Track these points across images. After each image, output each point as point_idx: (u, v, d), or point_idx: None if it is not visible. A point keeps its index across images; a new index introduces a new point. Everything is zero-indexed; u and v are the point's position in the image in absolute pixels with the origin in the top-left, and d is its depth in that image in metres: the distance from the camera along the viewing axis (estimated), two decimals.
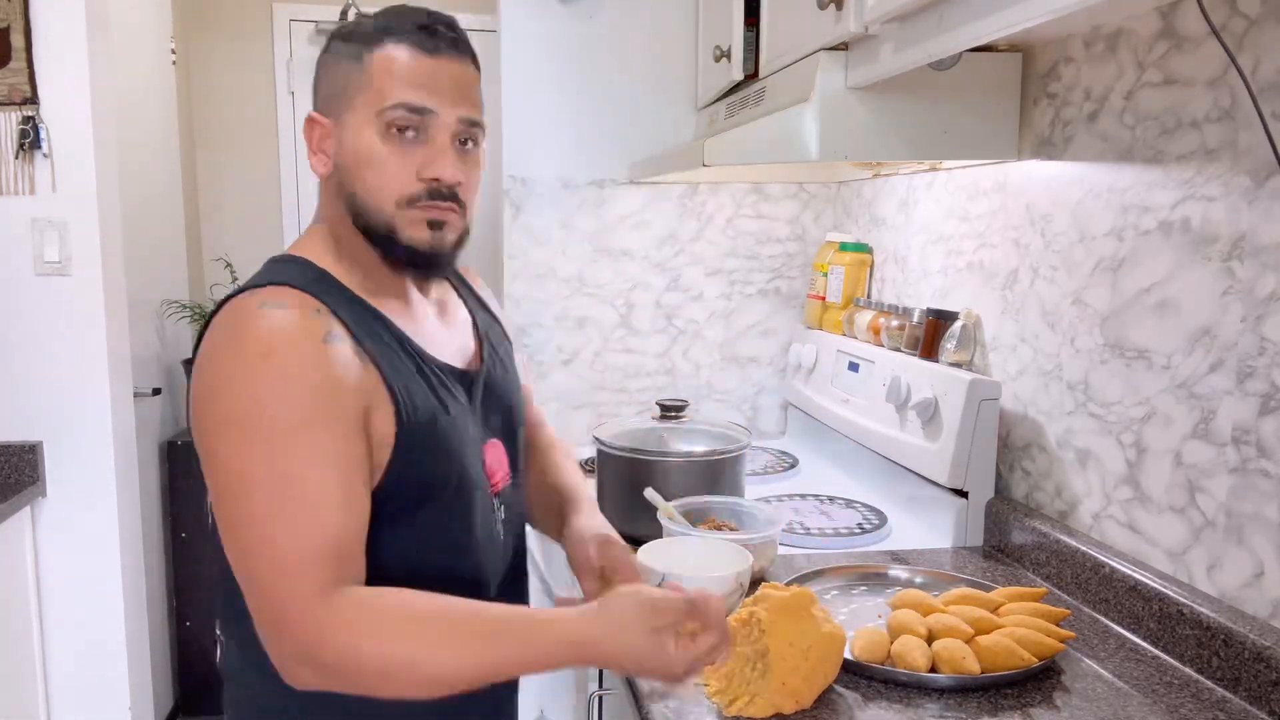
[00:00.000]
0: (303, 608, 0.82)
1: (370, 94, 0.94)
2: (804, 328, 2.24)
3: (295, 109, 3.35)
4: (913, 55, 1.25)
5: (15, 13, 1.97)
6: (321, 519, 0.85)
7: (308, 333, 0.88)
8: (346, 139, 0.95)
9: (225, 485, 0.86)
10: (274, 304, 0.89)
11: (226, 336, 0.89)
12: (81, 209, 2.05)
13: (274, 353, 0.86)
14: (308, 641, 0.83)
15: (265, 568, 0.84)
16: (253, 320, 0.88)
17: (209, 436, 0.87)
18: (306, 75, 3.31)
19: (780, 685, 1.00)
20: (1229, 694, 1.06)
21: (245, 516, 0.85)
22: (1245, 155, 1.09)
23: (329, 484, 0.86)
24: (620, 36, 2.20)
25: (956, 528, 1.55)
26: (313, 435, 0.85)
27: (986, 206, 1.64)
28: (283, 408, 0.85)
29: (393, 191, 0.94)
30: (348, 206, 0.97)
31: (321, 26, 3.31)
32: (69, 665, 2.17)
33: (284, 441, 0.84)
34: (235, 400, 0.85)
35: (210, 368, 0.88)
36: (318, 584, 0.83)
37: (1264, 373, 1.07)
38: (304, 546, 0.84)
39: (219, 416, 0.86)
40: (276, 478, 0.84)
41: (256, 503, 0.84)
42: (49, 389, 2.08)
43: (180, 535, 2.78)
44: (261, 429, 0.84)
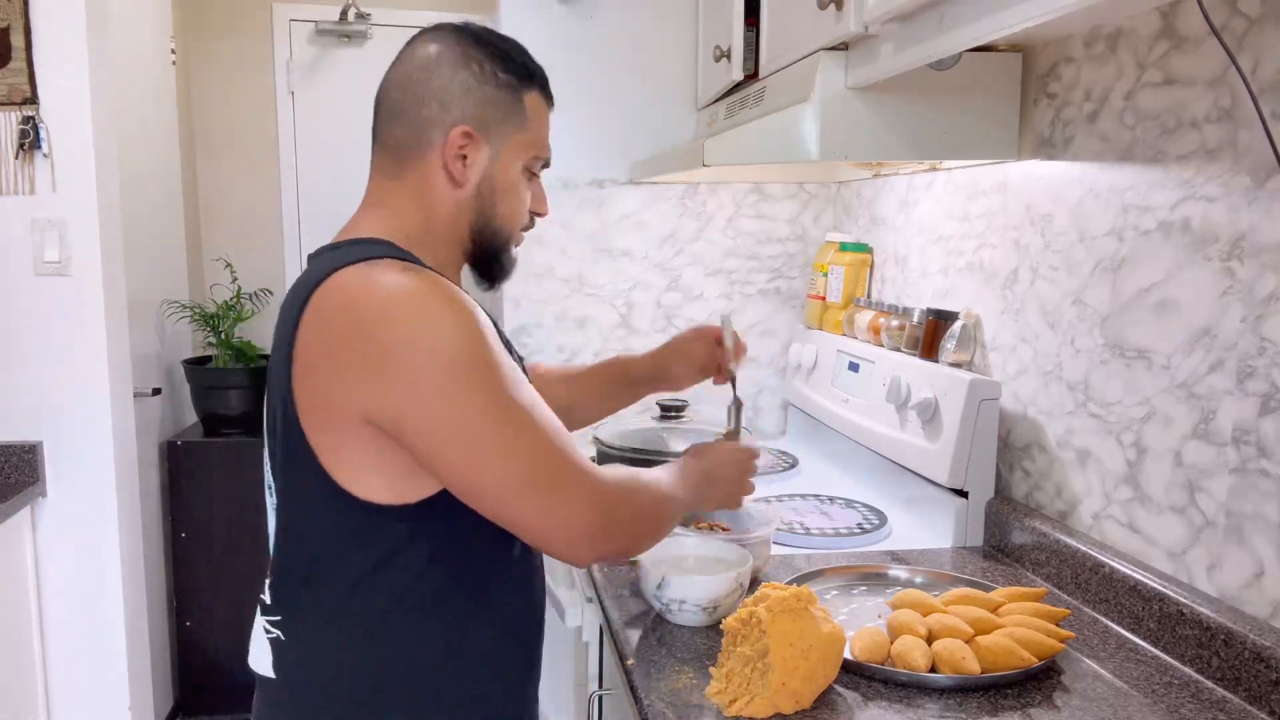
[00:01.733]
0: (597, 489, 0.95)
1: (528, 138, 1.05)
2: (804, 328, 2.24)
3: (295, 109, 3.35)
4: (913, 55, 1.25)
5: (15, 13, 1.97)
6: (558, 423, 0.95)
7: (450, 287, 0.93)
8: (498, 168, 1.03)
9: (467, 423, 0.89)
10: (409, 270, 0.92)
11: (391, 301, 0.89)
12: (81, 209, 2.05)
13: (453, 299, 0.91)
14: (605, 494, 0.95)
15: (556, 471, 0.92)
16: (406, 280, 0.90)
17: (425, 390, 0.88)
18: (306, 75, 3.33)
19: (780, 685, 1.00)
20: (1229, 694, 1.06)
21: (505, 434, 0.90)
22: (1245, 155, 1.09)
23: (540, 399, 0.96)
24: (620, 36, 2.20)
25: (956, 528, 1.55)
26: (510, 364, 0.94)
27: (986, 206, 1.64)
28: (486, 346, 0.91)
29: (519, 221, 1.08)
30: (476, 222, 1.04)
31: (321, 26, 3.31)
32: (69, 665, 2.17)
33: (506, 373, 0.91)
34: (449, 349, 0.88)
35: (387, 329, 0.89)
36: (588, 462, 0.96)
37: (1264, 373, 1.07)
38: (568, 442, 0.94)
39: (442, 367, 0.88)
40: (513, 400, 0.91)
41: (518, 423, 0.91)
42: (49, 389, 2.08)
43: (180, 535, 2.78)
44: (481, 360, 0.89)
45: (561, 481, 0.92)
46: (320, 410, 0.93)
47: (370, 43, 3.34)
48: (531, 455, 0.91)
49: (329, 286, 0.92)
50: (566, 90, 2.19)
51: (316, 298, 0.92)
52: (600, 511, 0.94)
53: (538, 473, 0.91)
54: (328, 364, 0.91)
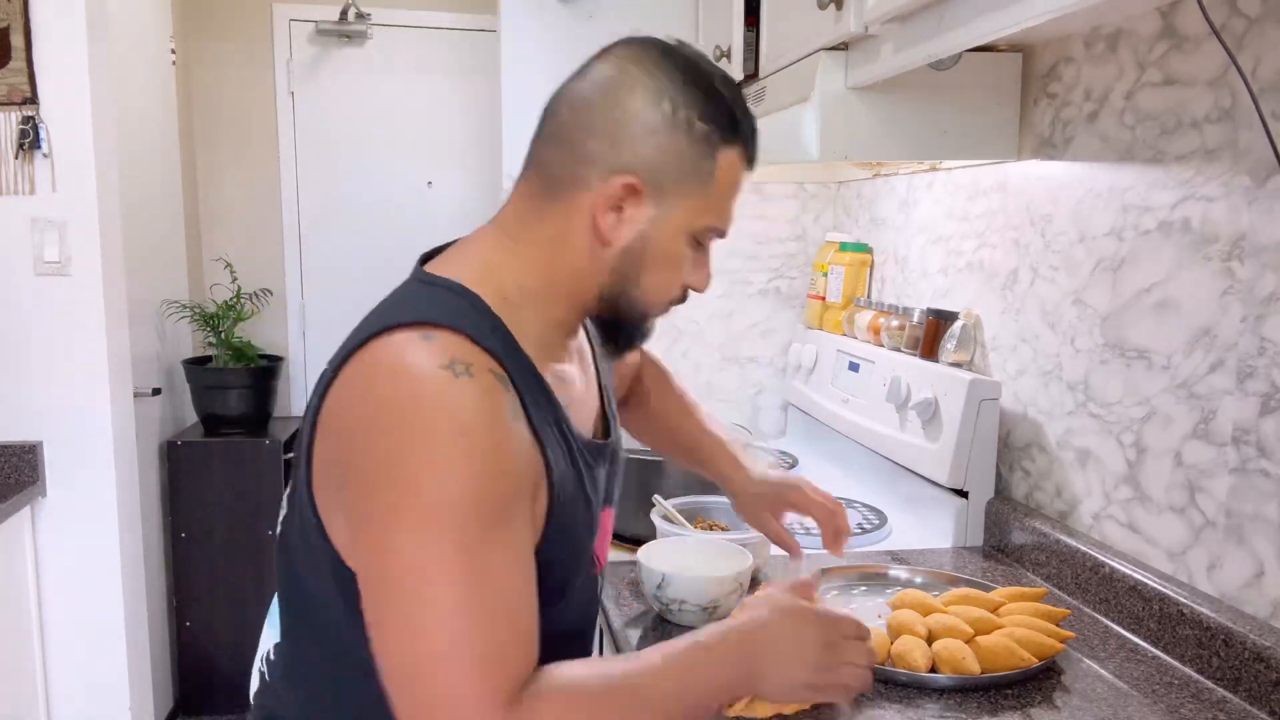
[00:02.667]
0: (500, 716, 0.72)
1: (707, 203, 0.86)
2: (804, 328, 2.24)
3: (295, 109, 3.35)
4: (913, 55, 1.25)
5: (15, 13, 1.97)
6: (513, 613, 0.75)
7: (498, 410, 0.77)
8: (661, 231, 0.85)
9: (399, 575, 0.74)
10: (458, 365, 0.76)
11: (399, 392, 0.75)
12: (81, 209, 2.05)
13: (467, 432, 0.74)
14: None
15: (454, 672, 0.72)
16: (434, 383, 0.75)
17: (381, 515, 0.75)
18: (307, 75, 3.32)
19: None
20: (1229, 694, 1.06)
21: (426, 614, 0.73)
22: (1245, 155, 1.09)
23: (517, 575, 0.77)
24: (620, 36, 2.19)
25: (956, 528, 1.55)
26: (504, 524, 0.76)
27: (986, 206, 1.64)
28: (477, 494, 0.74)
29: (668, 294, 0.90)
30: (610, 286, 0.87)
31: (321, 26, 3.31)
32: (69, 665, 2.17)
33: (479, 531, 0.74)
34: (422, 481, 0.73)
35: (384, 435, 0.75)
36: (515, 684, 0.74)
37: (1264, 373, 1.07)
38: (500, 645, 0.73)
39: (400, 496, 0.74)
40: (466, 570, 0.73)
41: (443, 598, 0.73)
42: (49, 389, 2.08)
43: (180, 535, 2.78)
44: (454, 517, 0.73)
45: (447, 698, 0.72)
46: (323, 489, 0.82)
47: (370, 43, 3.34)
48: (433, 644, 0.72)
49: (365, 356, 0.78)
50: None
51: (351, 365, 0.79)
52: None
53: (423, 676, 0.72)
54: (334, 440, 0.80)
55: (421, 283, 0.86)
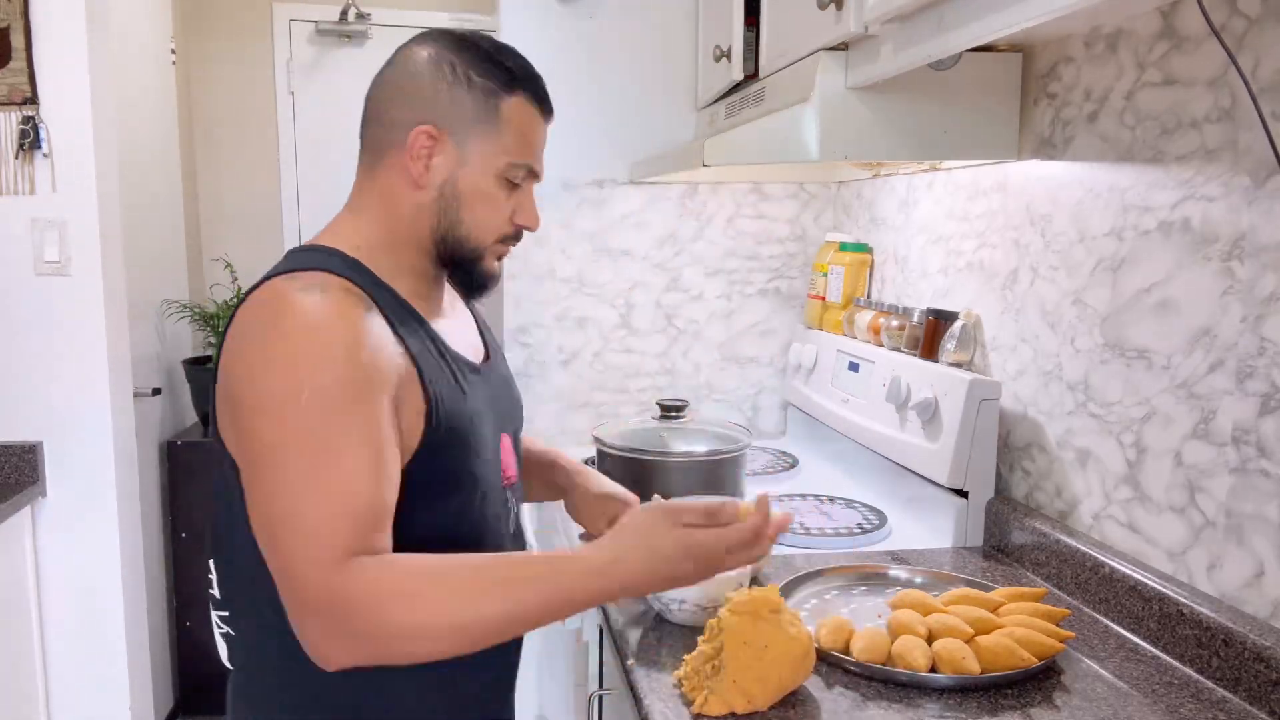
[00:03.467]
0: (329, 575, 0.82)
1: (502, 143, 1.00)
2: (804, 328, 2.24)
3: (295, 109, 3.35)
4: (913, 55, 1.25)
5: (15, 13, 1.97)
6: (352, 488, 0.85)
7: (347, 309, 0.90)
8: (466, 172, 0.99)
9: (258, 458, 0.87)
10: (312, 286, 0.90)
11: (263, 316, 0.90)
12: (81, 209, 2.05)
13: (316, 329, 0.87)
14: (335, 610, 0.82)
15: (292, 537, 0.84)
16: (291, 299, 0.89)
17: (247, 414, 0.87)
18: (307, 75, 3.33)
19: (732, 683, 1.00)
20: (1229, 694, 1.06)
21: (276, 487, 0.85)
22: (1245, 155, 1.09)
23: (362, 457, 0.86)
24: (620, 36, 2.20)
25: (956, 528, 1.55)
26: (351, 409, 0.86)
27: (986, 206, 1.64)
28: (323, 381, 0.86)
29: (493, 230, 1.02)
30: (439, 227, 1.00)
31: (321, 26, 3.31)
32: (69, 665, 2.17)
33: (322, 414, 0.85)
34: (276, 376, 0.86)
35: (247, 348, 0.89)
36: (345, 550, 0.83)
37: (1264, 373, 1.07)
38: (333, 514, 0.84)
39: (259, 393, 0.86)
40: (311, 449, 0.85)
41: (289, 472, 0.84)
42: (49, 389, 2.08)
43: (180, 535, 2.78)
44: (301, 402, 0.85)
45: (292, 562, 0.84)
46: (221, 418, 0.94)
47: (370, 43, 3.34)
48: (281, 515, 0.85)
49: (248, 300, 0.93)
50: (566, 90, 2.19)
51: (235, 315, 0.94)
52: (337, 609, 0.82)
53: (276, 538, 0.85)
54: (222, 376, 0.93)
55: (291, 253, 1.01)
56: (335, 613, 0.82)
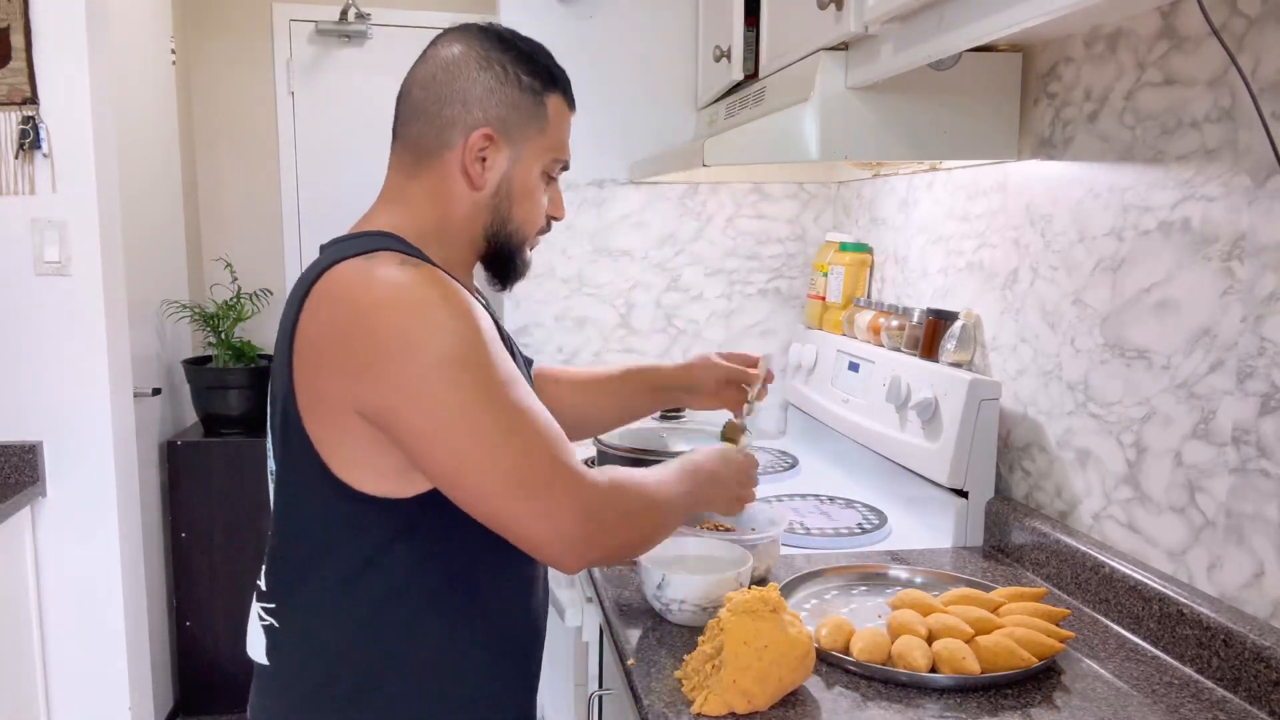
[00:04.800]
0: (582, 473, 0.92)
1: (548, 141, 1.05)
2: (804, 328, 2.24)
3: (295, 109, 3.35)
4: (913, 55, 1.25)
5: (15, 13, 1.97)
6: (550, 420, 0.94)
7: (448, 281, 0.93)
8: (517, 171, 1.03)
9: (452, 422, 0.88)
10: (407, 263, 0.92)
11: (382, 293, 0.90)
12: (81, 209, 2.05)
13: (443, 300, 0.90)
14: (595, 497, 0.93)
15: (538, 471, 0.90)
16: (402, 277, 0.90)
17: (410, 385, 0.88)
18: (307, 75, 3.33)
19: (731, 683, 1.00)
20: (1229, 694, 1.06)
21: (492, 436, 0.89)
22: (1245, 155, 1.09)
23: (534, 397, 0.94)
24: (620, 36, 2.20)
25: (956, 528, 1.55)
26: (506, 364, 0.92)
27: (986, 206, 1.64)
28: (478, 343, 0.90)
29: (536, 223, 1.08)
30: (492, 225, 1.04)
31: (321, 26, 3.31)
32: (69, 665, 2.17)
33: (490, 372, 0.90)
34: (432, 345, 0.88)
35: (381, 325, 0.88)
36: (580, 468, 0.93)
37: (1264, 373, 1.07)
38: (559, 438, 0.93)
39: (429, 362, 0.87)
40: (503, 399, 0.90)
41: (498, 422, 0.89)
42: (49, 389, 2.08)
43: (180, 535, 2.78)
44: (470, 363, 0.88)
45: (546, 486, 0.90)
46: (317, 402, 0.93)
47: (370, 43, 3.34)
48: (516, 457, 0.89)
49: (329, 279, 0.92)
50: None
51: (317, 289, 0.93)
52: (585, 517, 0.92)
53: (521, 475, 0.90)
54: (324, 356, 0.92)
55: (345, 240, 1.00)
56: (597, 520, 0.92)
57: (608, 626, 1.27)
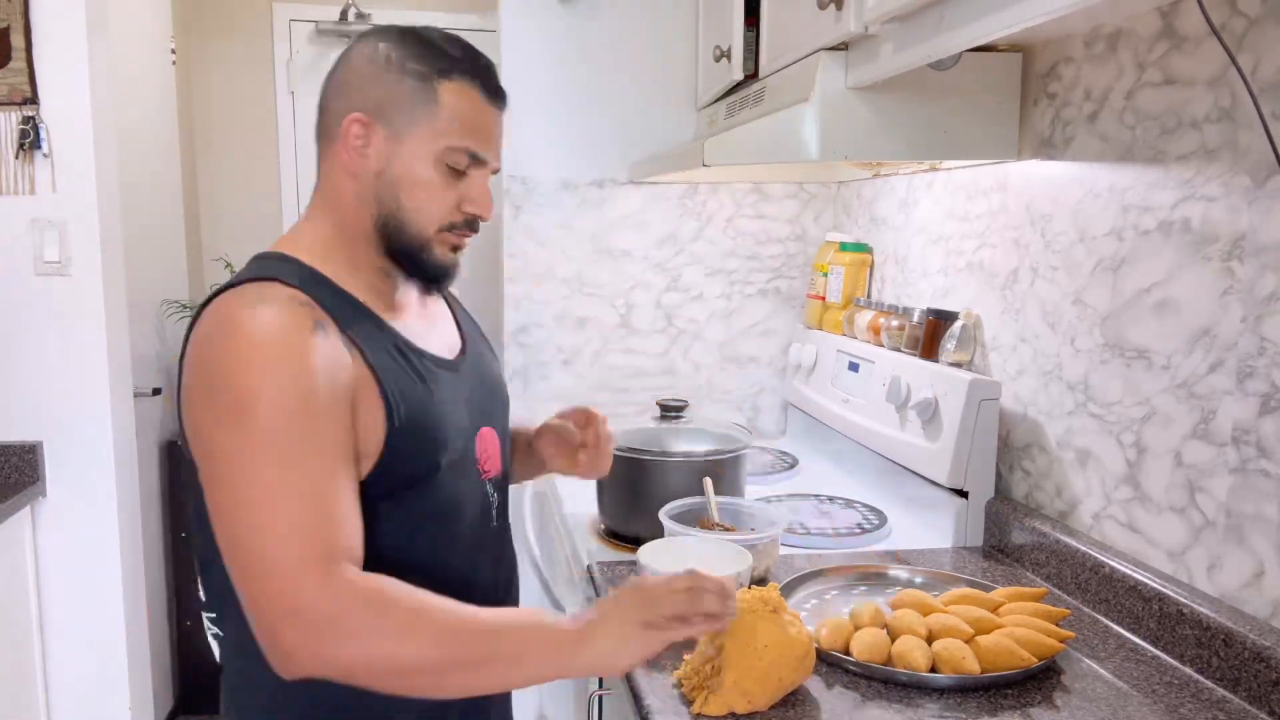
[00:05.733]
0: (319, 578, 0.83)
1: (437, 126, 0.98)
2: (804, 328, 2.24)
3: (295, 109, 3.35)
4: (913, 55, 1.25)
5: (15, 13, 1.97)
6: (321, 503, 0.86)
7: (296, 324, 0.90)
8: (402, 158, 0.98)
9: (222, 474, 0.87)
10: (260, 302, 0.91)
11: (216, 330, 0.90)
12: (81, 209, 2.05)
13: (265, 344, 0.88)
14: (321, 613, 0.83)
15: (262, 554, 0.84)
16: (241, 314, 0.90)
17: (206, 429, 0.89)
18: (307, 75, 3.32)
19: (732, 684, 1.00)
20: (1229, 694, 1.06)
21: (242, 503, 0.86)
22: (1245, 155, 1.09)
23: (325, 469, 0.88)
24: (620, 36, 2.20)
25: (956, 528, 1.55)
26: (307, 422, 0.87)
27: (986, 206, 1.64)
28: (277, 396, 0.86)
29: (436, 218, 1.00)
30: (379, 215, 1.00)
31: (321, 26, 3.31)
32: (69, 665, 2.17)
33: (283, 424, 0.86)
34: (230, 392, 0.87)
35: (202, 362, 0.90)
36: (329, 553, 0.85)
37: (1264, 373, 1.07)
38: (311, 519, 0.85)
39: (216, 409, 0.87)
40: (276, 458, 0.86)
41: (257, 482, 0.85)
42: (49, 389, 2.08)
43: (180, 535, 2.78)
44: (258, 417, 0.86)
45: (264, 573, 0.84)
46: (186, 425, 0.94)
47: None
48: (253, 524, 0.85)
49: (202, 315, 0.93)
50: (566, 90, 2.20)
51: (195, 323, 0.94)
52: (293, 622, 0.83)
53: (250, 546, 0.85)
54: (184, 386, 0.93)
55: (251, 261, 1.02)
56: (320, 616, 0.83)
57: None
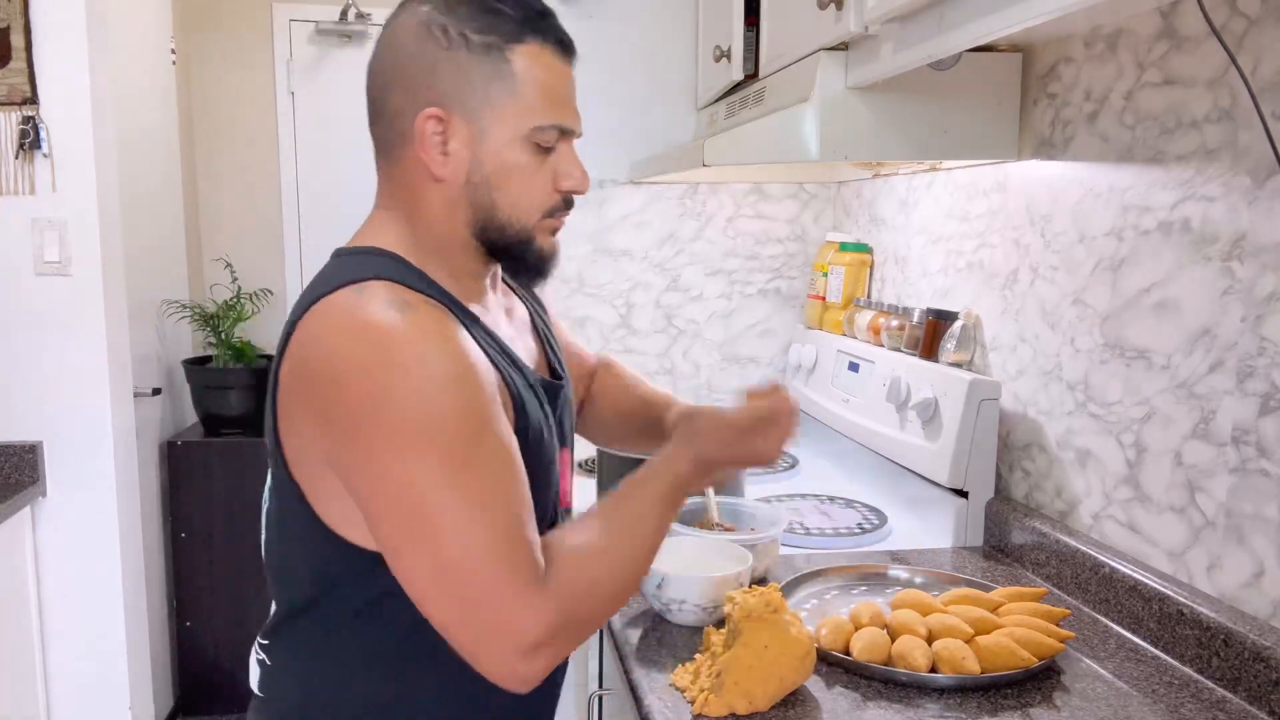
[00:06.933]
0: (528, 598, 0.79)
1: (522, 106, 0.87)
2: (804, 328, 2.24)
3: (295, 109, 3.35)
4: (913, 55, 1.25)
5: (15, 13, 1.97)
6: (514, 507, 0.81)
7: (446, 330, 0.82)
8: (489, 148, 0.87)
9: (402, 499, 0.78)
10: (395, 303, 0.81)
11: (364, 344, 0.79)
12: (81, 209, 2.05)
13: (425, 356, 0.79)
14: (540, 628, 0.79)
15: (479, 570, 0.78)
16: (386, 324, 0.79)
17: (377, 454, 0.78)
18: (307, 75, 3.33)
19: (733, 684, 1.00)
20: (1229, 694, 1.06)
21: (444, 526, 0.78)
22: (1245, 155, 1.09)
23: (509, 475, 0.82)
24: (620, 36, 2.20)
25: (956, 528, 1.55)
26: (486, 432, 0.81)
27: (986, 206, 1.64)
28: (452, 410, 0.79)
29: (537, 203, 0.91)
30: (476, 220, 0.90)
31: (321, 26, 3.31)
32: (69, 665, 2.17)
33: (463, 444, 0.79)
34: (403, 413, 0.77)
35: (345, 382, 0.79)
36: (536, 570, 0.80)
37: (1264, 373, 1.07)
38: (511, 536, 0.80)
39: (388, 432, 0.78)
40: (466, 482, 0.79)
41: (453, 508, 0.78)
42: (49, 389, 2.08)
43: (180, 535, 2.78)
44: (436, 434, 0.78)
45: (475, 602, 0.78)
46: (297, 445, 0.85)
47: (370, 43, 3.34)
48: (459, 551, 0.78)
49: (312, 315, 0.83)
50: None
51: (301, 325, 0.83)
52: (543, 623, 0.79)
53: (461, 575, 0.78)
54: (301, 400, 0.83)
55: (339, 256, 0.91)
56: (544, 625, 0.79)
57: (608, 626, 1.27)
